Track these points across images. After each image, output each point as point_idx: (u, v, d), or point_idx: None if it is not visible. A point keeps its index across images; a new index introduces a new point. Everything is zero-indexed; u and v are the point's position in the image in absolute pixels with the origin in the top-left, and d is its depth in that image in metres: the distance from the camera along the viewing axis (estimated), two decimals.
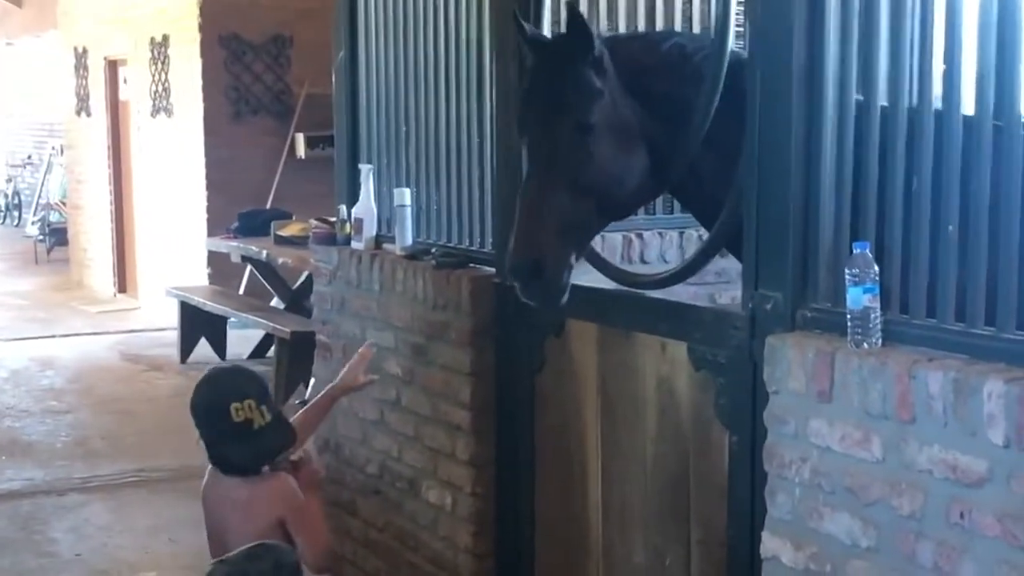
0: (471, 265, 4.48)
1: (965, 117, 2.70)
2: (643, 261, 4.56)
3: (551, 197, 3.35)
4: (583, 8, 4.27)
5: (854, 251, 2.80)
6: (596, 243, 4.24)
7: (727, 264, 4.11)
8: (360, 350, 4.57)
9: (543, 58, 3.51)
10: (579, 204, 3.37)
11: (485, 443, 4.34)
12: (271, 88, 11.49)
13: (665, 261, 4.54)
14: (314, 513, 4.01)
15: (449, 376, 4.44)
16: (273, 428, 3.92)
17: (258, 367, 6.93)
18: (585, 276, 4.05)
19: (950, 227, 2.69)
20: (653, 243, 4.60)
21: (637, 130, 3.45)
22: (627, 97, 3.43)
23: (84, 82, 14.17)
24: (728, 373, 3.25)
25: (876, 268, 2.77)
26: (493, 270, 4.30)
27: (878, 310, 2.78)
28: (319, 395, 4.60)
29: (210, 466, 4.05)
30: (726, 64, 3.34)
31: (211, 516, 4.05)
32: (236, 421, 3.85)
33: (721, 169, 3.36)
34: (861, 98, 2.94)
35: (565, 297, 3.44)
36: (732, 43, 3.38)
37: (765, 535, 3.03)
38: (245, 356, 9.83)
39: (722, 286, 4.42)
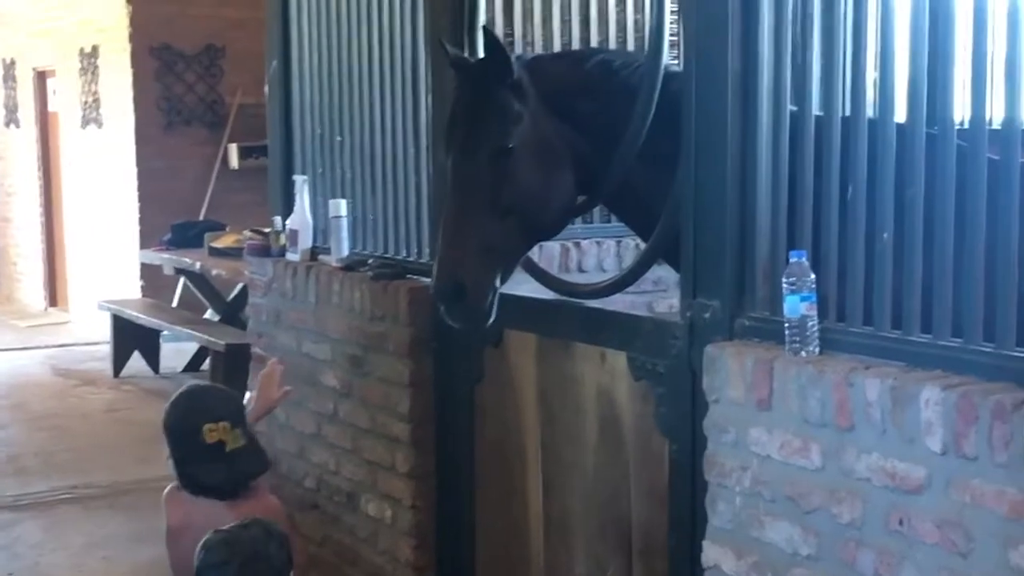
0: (408, 276, 4.46)
1: (899, 125, 2.72)
2: (581, 270, 4.55)
3: (472, 220, 3.37)
4: (516, 24, 4.29)
5: (791, 260, 2.81)
6: (534, 253, 4.24)
7: (664, 273, 4.12)
8: (264, 371, 4.32)
9: (464, 81, 3.53)
10: (501, 226, 3.39)
11: (424, 455, 4.31)
12: (204, 98, 11.40)
13: (603, 270, 4.54)
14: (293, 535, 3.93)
15: (387, 388, 4.41)
16: (247, 452, 3.82)
17: (193, 380, 6.85)
18: (523, 286, 4.05)
19: (885, 235, 2.71)
20: (591, 252, 4.60)
21: (563, 150, 3.46)
22: (552, 117, 3.45)
23: (13, 93, 13.98)
24: (668, 382, 3.25)
25: (813, 276, 2.78)
26: (431, 281, 4.27)
27: (815, 318, 2.79)
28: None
29: (171, 486, 3.92)
30: (660, 78, 3.34)
31: (185, 537, 3.81)
32: (208, 443, 3.75)
33: (656, 181, 3.36)
34: (795, 108, 2.96)
35: (491, 319, 3.46)
36: (666, 56, 3.38)
37: (706, 544, 3.03)
38: (179, 370, 9.73)
39: (660, 295, 4.43)
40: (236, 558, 3.34)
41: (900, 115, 2.74)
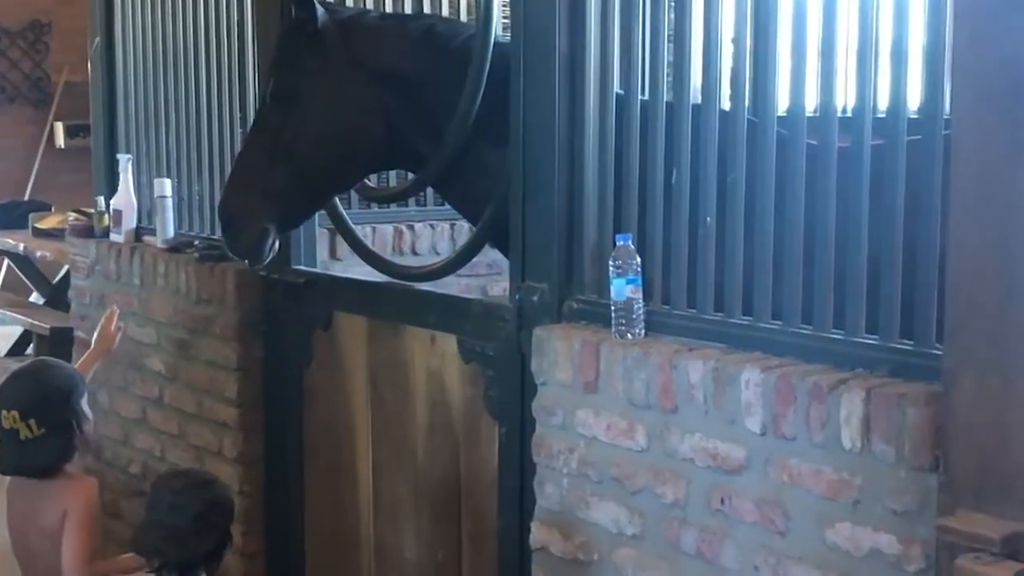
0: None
1: (722, 112, 2.76)
2: (415, 253, 4.54)
3: (252, 161, 3.55)
4: None
5: (617, 243, 2.83)
6: (366, 236, 4.21)
7: (498, 256, 4.12)
8: (105, 314, 4.46)
9: (281, 31, 3.66)
10: (281, 172, 3.48)
11: (253, 440, 4.25)
12: (28, 75, 11.06)
13: (437, 253, 4.52)
14: (89, 534, 3.88)
15: (214, 372, 4.33)
16: (41, 443, 3.78)
17: (17, 364, 6.61)
18: (354, 269, 4.01)
19: (708, 219, 2.75)
20: (424, 234, 4.59)
21: (367, 110, 3.46)
22: (360, 75, 3.45)
23: None
24: (497, 365, 3.25)
25: (638, 260, 2.80)
26: None
27: (641, 301, 2.82)
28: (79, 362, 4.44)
29: None
30: (490, 53, 3.33)
31: (9, 512, 3.96)
32: (5, 428, 3.80)
33: (485, 161, 3.36)
34: (622, 92, 2.98)
35: (264, 258, 3.59)
36: (497, 30, 3.37)
37: (534, 526, 3.04)
38: (3, 354, 9.43)
39: (495, 278, 4.43)
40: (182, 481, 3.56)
41: (724, 102, 2.79)
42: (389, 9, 4.40)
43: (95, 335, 4.44)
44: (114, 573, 3.95)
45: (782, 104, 2.68)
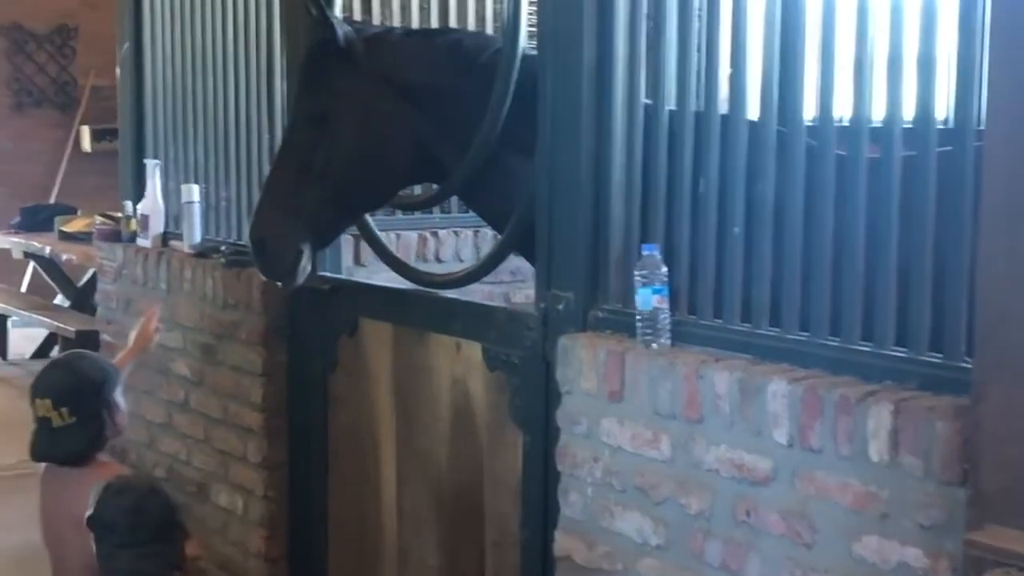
0: None
1: (751, 122, 2.75)
2: (438, 260, 4.54)
3: (284, 182, 3.52)
4: (375, 11, 4.27)
5: (643, 253, 2.82)
6: (391, 242, 4.22)
7: (522, 263, 4.12)
8: (147, 312, 4.54)
9: (306, 48, 3.64)
10: (313, 191, 3.47)
11: (277, 445, 4.26)
12: (55, 79, 11.14)
13: (460, 260, 4.53)
14: None
15: (240, 377, 4.34)
16: (72, 431, 3.93)
17: (42, 367, 6.63)
18: (380, 275, 4.02)
19: (736, 229, 2.74)
20: (448, 242, 4.59)
21: (396, 127, 3.47)
22: (388, 92, 3.45)
23: None
24: (522, 373, 3.25)
25: (665, 269, 2.80)
26: None
27: (667, 311, 2.81)
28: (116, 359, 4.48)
29: None
30: (517, 66, 3.32)
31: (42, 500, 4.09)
32: (39, 416, 3.96)
33: (511, 171, 3.36)
34: (650, 101, 2.97)
35: (298, 279, 3.57)
36: (524, 43, 3.37)
37: (558, 534, 3.03)
38: (28, 356, 9.47)
39: (517, 285, 4.44)
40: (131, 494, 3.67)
41: (752, 112, 2.78)
42: (416, 21, 4.40)
43: (133, 333, 4.50)
44: None
45: (810, 113, 2.67)
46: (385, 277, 3.99)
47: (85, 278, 9.07)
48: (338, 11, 3.92)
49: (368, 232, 3.99)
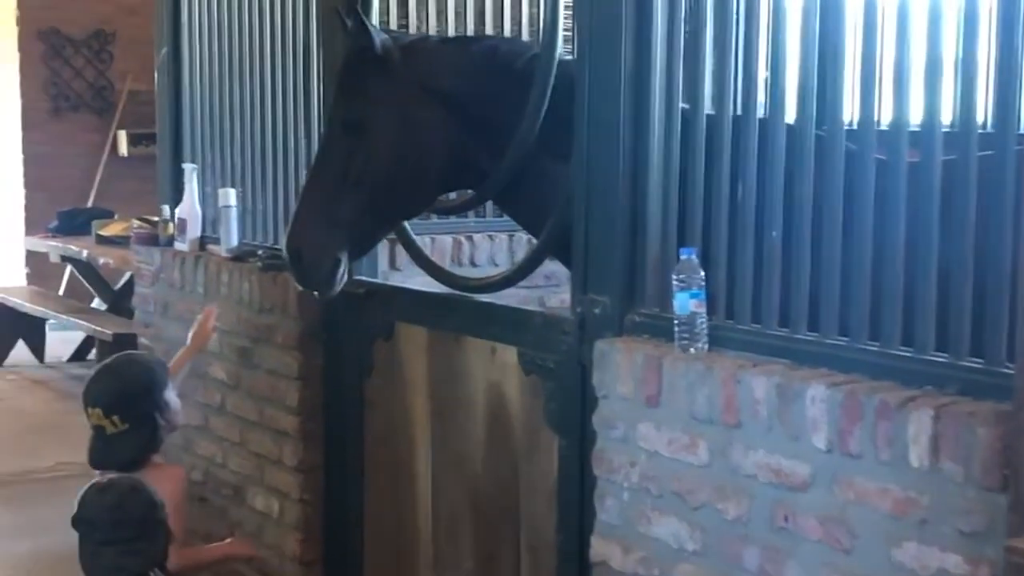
0: None
1: (788, 126, 2.74)
2: (473, 264, 4.54)
3: (320, 192, 3.49)
4: (411, 16, 4.28)
5: (681, 257, 2.81)
6: (426, 246, 4.22)
7: (556, 267, 4.11)
8: (204, 311, 4.54)
9: (343, 56, 3.62)
10: (350, 201, 3.46)
11: (313, 448, 4.27)
12: (92, 84, 11.22)
13: (495, 264, 4.53)
14: (179, 520, 4.00)
15: (276, 380, 4.36)
16: (126, 437, 3.98)
17: (79, 370, 6.68)
18: (415, 279, 4.02)
19: (774, 233, 2.73)
20: (483, 246, 4.59)
21: (433, 134, 3.47)
22: (425, 99, 3.45)
23: None
24: (557, 378, 3.24)
25: (702, 274, 2.79)
26: None
27: (704, 315, 2.80)
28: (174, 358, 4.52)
29: None
30: (554, 72, 3.32)
31: None
32: (92, 424, 4.01)
33: (547, 175, 3.36)
34: (687, 106, 2.97)
35: (335, 288, 3.56)
36: (560, 49, 3.37)
37: (594, 539, 3.03)
38: (65, 359, 9.54)
39: (552, 289, 4.43)
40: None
41: (790, 115, 2.77)
42: (452, 28, 4.41)
43: (191, 332, 4.52)
44: (203, 558, 4.07)
45: (850, 117, 2.66)
46: (420, 281, 3.99)
47: (122, 282, 9.13)
48: (375, 19, 3.95)
49: (404, 236, 3.99)
